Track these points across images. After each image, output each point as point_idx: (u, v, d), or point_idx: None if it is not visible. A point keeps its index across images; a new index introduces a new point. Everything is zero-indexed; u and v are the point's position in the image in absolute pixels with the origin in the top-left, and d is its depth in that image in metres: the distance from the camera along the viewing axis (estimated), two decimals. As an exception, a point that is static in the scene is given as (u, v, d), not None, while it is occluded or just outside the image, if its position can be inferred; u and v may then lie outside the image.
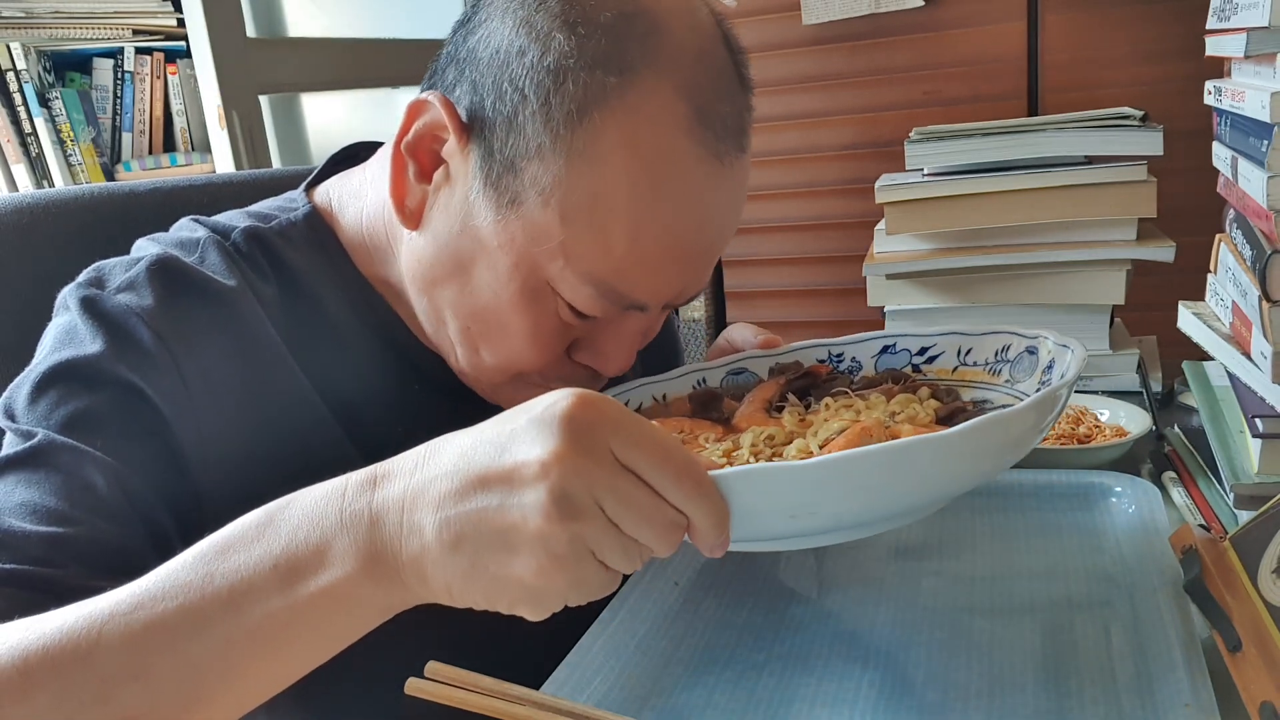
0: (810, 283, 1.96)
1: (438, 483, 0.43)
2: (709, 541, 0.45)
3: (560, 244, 0.56)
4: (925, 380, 0.67)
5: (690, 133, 0.56)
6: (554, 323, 0.60)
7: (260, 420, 0.61)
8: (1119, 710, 0.51)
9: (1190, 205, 1.14)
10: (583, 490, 0.41)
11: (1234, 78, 0.82)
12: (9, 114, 1.59)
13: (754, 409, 0.65)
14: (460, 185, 0.59)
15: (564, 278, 0.57)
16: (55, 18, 1.63)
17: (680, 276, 0.60)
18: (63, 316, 0.60)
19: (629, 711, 0.54)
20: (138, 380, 0.56)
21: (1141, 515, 0.70)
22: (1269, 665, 0.49)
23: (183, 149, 1.76)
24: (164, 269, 0.60)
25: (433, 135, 0.59)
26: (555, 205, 0.56)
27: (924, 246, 1.16)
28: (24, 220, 0.74)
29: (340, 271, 0.66)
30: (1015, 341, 0.66)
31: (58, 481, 0.53)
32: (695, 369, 0.72)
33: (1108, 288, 1.09)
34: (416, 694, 0.48)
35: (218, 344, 0.60)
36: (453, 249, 0.60)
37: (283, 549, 0.44)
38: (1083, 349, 0.58)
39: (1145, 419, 0.89)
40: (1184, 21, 1.58)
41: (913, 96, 1.83)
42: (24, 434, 0.55)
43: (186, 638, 0.43)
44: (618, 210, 0.55)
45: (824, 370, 0.70)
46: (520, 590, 0.43)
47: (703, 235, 0.59)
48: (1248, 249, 0.77)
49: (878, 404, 0.62)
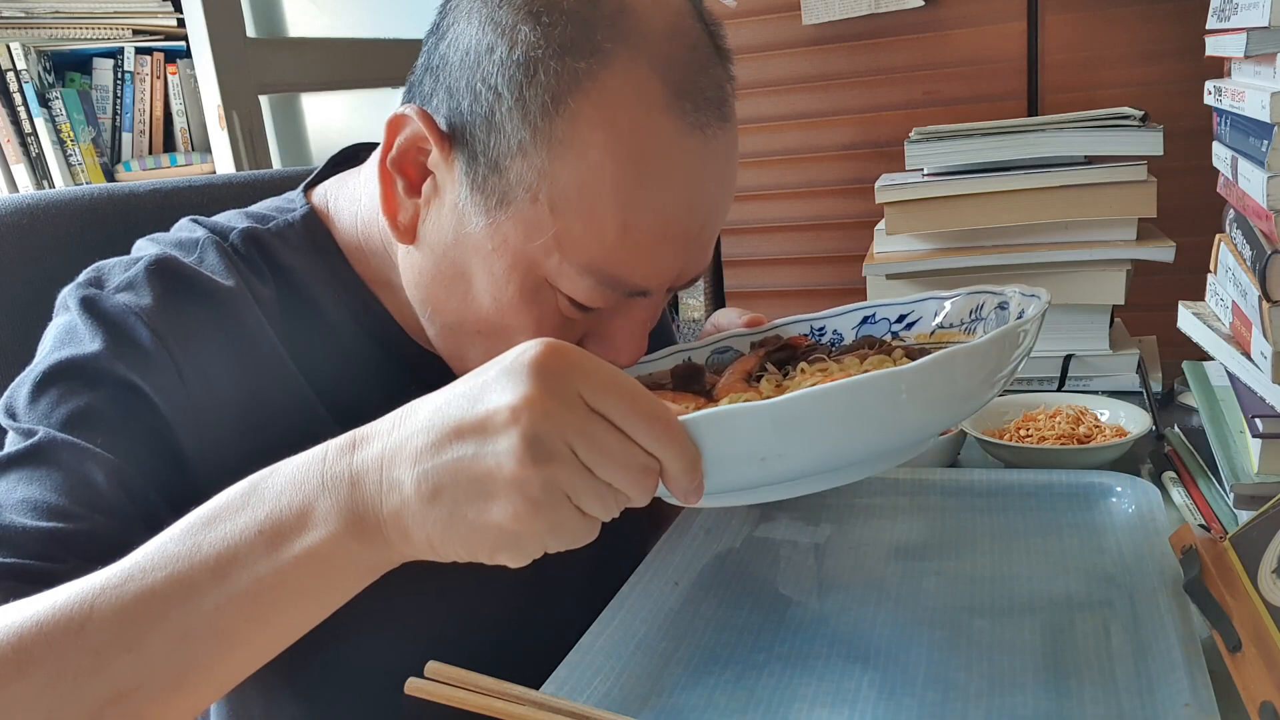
0: (810, 283, 1.97)
1: (414, 438, 0.44)
2: (682, 485, 0.46)
3: (553, 237, 0.56)
4: (903, 345, 0.67)
5: (669, 109, 0.55)
6: (558, 319, 0.60)
7: (257, 420, 0.61)
8: (1119, 710, 0.51)
9: (1190, 205, 1.14)
10: (554, 434, 0.42)
11: (1234, 78, 0.82)
12: (9, 114, 1.59)
13: (734, 379, 0.65)
14: (449, 194, 0.59)
15: (562, 272, 0.57)
16: (55, 18, 1.63)
17: (678, 256, 0.59)
18: (63, 316, 0.60)
19: (629, 711, 0.54)
20: (137, 379, 0.57)
21: (1141, 515, 0.70)
22: (1269, 665, 0.49)
23: (183, 149, 1.76)
24: (162, 269, 0.60)
25: (416, 148, 0.59)
26: (544, 199, 0.56)
27: (924, 246, 1.16)
28: (24, 221, 0.74)
29: (337, 273, 0.67)
30: (988, 299, 0.67)
31: (58, 478, 0.53)
32: (681, 349, 0.72)
33: (1108, 288, 1.10)
34: (416, 694, 0.48)
35: (216, 343, 0.60)
36: (450, 260, 0.60)
37: (267, 514, 0.45)
38: (1047, 294, 0.58)
39: (1145, 419, 0.89)
40: (1184, 21, 1.58)
41: (913, 96, 1.83)
42: (25, 432, 0.55)
43: (177, 607, 0.44)
44: (605, 194, 0.55)
45: (803, 341, 0.70)
46: (499, 537, 0.44)
47: (695, 212, 0.58)
48: (1248, 249, 0.77)
49: (851, 365, 0.62)
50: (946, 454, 0.91)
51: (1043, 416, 0.95)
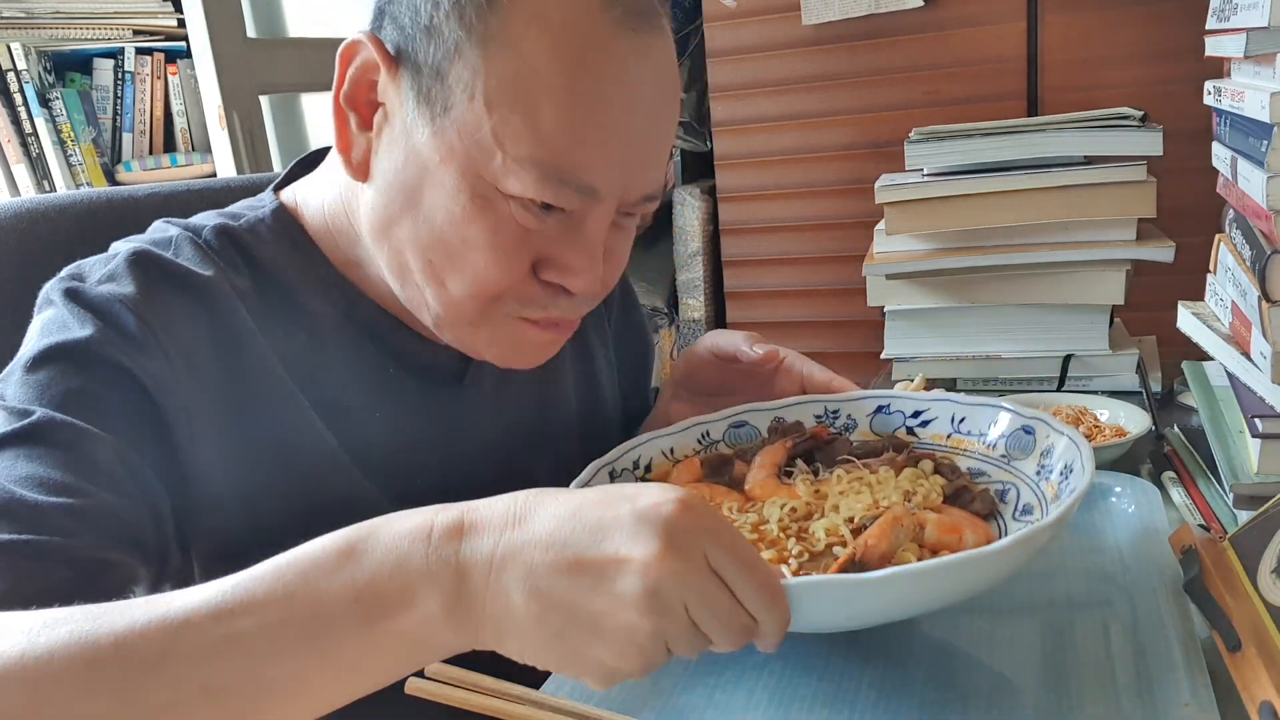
0: (810, 283, 1.97)
1: (530, 550, 0.44)
2: (770, 644, 0.48)
3: (491, 132, 0.57)
4: (923, 448, 0.71)
5: (601, 8, 0.57)
6: (512, 228, 0.60)
7: (239, 408, 0.62)
8: (1119, 710, 0.51)
9: (1190, 205, 1.14)
10: (674, 592, 0.43)
11: (1234, 78, 0.82)
12: (9, 114, 1.59)
13: (766, 475, 0.68)
14: (398, 117, 0.60)
15: (507, 169, 0.57)
16: (56, 18, 1.63)
17: (621, 155, 0.59)
18: (47, 311, 0.60)
19: (629, 711, 0.54)
20: (127, 364, 0.57)
21: (1141, 515, 0.71)
22: (1268, 665, 0.49)
23: (183, 149, 1.76)
24: (141, 260, 0.61)
25: (367, 81, 0.61)
26: (480, 95, 0.57)
27: (924, 246, 1.16)
28: (23, 225, 0.74)
29: (309, 260, 0.68)
30: (1009, 417, 0.69)
31: (60, 456, 0.53)
32: (698, 422, 0.74)
33: (1107, 288, 1.10)
34: (417, 693, 0.48)
35: (198, 330, 0.61)
36: (400, 182, 0.61)
37: (366, 583, 0.44)
38: (1090, 451, 0.60)
39: (1145, 419, 0.89)
40: (1184, 22, 1.58)
41: (912, 97, 1.83)
42: (19, 412, 0.55)
43: (262, 659, 0.43)
44: (539, 85, 0.56)
45: (825, 433, 0.73)
46: (593, 667, 0.45)
47: (633, 108, 0.59)
48: (1247, 249, 0.77)
49: (888, 479, 0.65)
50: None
51: (1043, 416, 0.95)
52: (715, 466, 0.70)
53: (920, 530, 0.58)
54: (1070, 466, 0.60)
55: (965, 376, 1.17)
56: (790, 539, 0.59)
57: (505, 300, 0.62)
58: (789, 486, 0.67)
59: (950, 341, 1.17)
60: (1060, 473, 0.61)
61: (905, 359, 1.20)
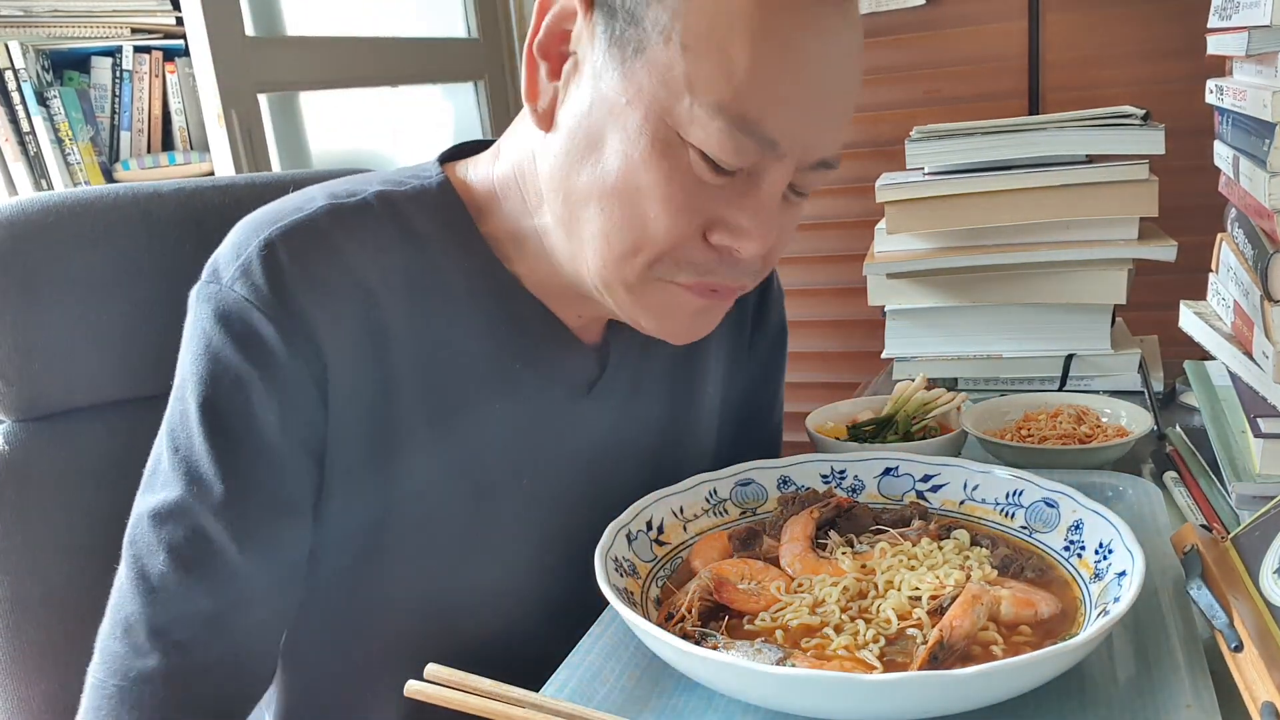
0: (810, 282, 1.96)
1: None
2: None
3: (684, 76, 0.56)
4: (949, 515, 0.71)
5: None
6: (688, 179, 0.59)
7: (379, 391, 0.63)
8: (1120, 710, 0.51)
9: (1192, 204, 1.14)
10: None
11: (1235, 76, 0.82)
12: (7, 113, 1.59)
13: (802, 549, 0.67)
14: (588, 63, 0.60)
15: (693, 116, 0.57)
16: (54, 16, 1.63)
17: (806, 109, 0.59)
18: (194, 328, 0.61)
19: (629, 712, 0.54)
20: (278, 372, 0.59)
21: (1143, 515, 0.70)
22: (1270, 665, 0.49)
23: (181, 148, 1.75)
24: (274, 251, 0.61)
25: (561, 31, 0.61)
26: (676, 39, 0.56)
27: (924, 246, 1.16)
28: (49, 220, 0.74)
29: (466, 236, 0.67)
30: (1028, 488, 0.69)
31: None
32: (704, 480, 0.73)
33: (1109, 287, 1.09)
34: (416, 696, 0.48)
35: (339, 308, 0.61)
36: (585, 126, 0.60)
37: None
38: (1129, 531, 0.60)
39: (1147, 419, 0.89)
40: (1185, 20, 1.58)
41: (913, 95, 1.83)
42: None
43: None
44: (736, 29, 0.55)
45: (846, 502, 0.72)
46: None
47: (826, 66, 0.58)
48: (1249, 248, 0.77)
49: (932, 551, 0.65)
50: (948, 454, 0.91)
51: (1044, 416, 0.94)
52: (744, 540, 0.69)
53: (997, 606, 0.57)
54: (1108, 546, 0.61)
55: (966, 376, 1.17)
56: (855, 620, 0.58)
57: (666, 263, 0.61)
58: (829, 561, 0.65)
59: (951, 341, 1.17)
60: (1096, 551, 0.62)
61: (906, 358, 1.19)
